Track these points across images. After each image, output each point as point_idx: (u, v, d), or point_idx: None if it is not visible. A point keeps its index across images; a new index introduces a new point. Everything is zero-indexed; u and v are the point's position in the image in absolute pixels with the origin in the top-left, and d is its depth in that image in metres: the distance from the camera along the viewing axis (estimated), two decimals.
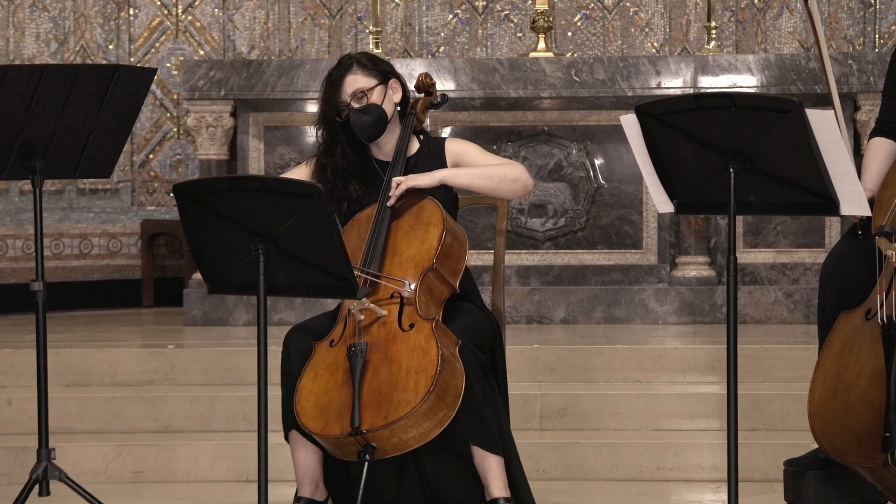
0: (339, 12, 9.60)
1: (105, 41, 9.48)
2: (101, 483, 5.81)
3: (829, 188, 4.03)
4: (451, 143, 4.94)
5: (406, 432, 4.35)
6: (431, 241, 4.64)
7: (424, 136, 4.99)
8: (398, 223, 4.72)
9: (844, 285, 4.71)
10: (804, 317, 7.65)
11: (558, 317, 7.81)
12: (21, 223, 9.08)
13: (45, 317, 4.72)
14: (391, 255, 4.67)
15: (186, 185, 4.16)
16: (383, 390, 4.38)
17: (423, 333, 4.46)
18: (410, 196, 4.74)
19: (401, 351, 4.45)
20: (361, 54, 4.91)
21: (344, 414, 4.38)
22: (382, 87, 4.83)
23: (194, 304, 7.86)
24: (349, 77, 4.82)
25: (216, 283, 4.24)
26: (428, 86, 4.98)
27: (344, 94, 4.80)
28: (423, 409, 4.33)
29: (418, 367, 4.38)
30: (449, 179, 4.77)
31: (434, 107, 4.99)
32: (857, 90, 7.60)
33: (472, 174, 4.78)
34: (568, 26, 9.54)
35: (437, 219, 4.68)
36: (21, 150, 4.64)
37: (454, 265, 4.70)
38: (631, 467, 5.85)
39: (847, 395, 4.45)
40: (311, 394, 4.48)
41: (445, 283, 4.67)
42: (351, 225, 4.79)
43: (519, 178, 4.79)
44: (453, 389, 4.41)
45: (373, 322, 4.52)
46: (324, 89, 4.86)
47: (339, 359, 4.50)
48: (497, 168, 4.81)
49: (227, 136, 7.92)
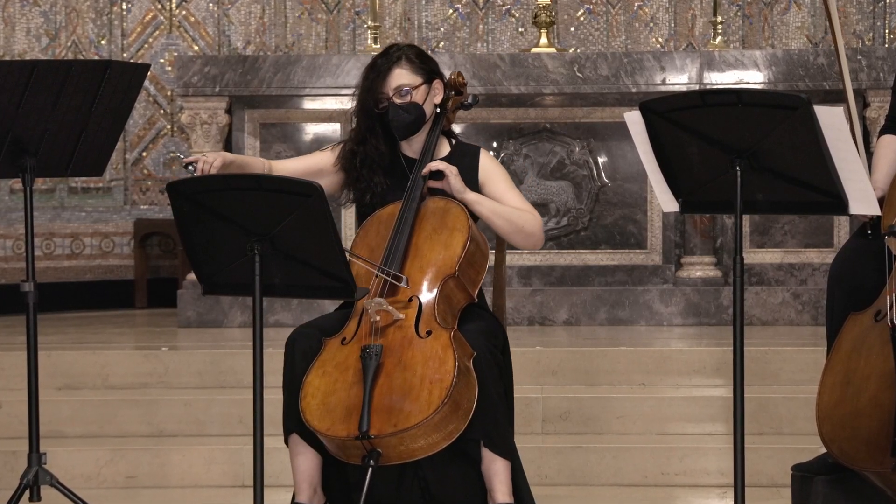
0: (337, 7, 9.63)
1: (97, 36, 9.49)
2: (94, 488, 5.79)
3: (838, 186, 4.01)
4: (485, 159, 4.90)
5: (414, 442, 4.31)
6: (455, 248, 4.61)
7: (455, 139, 4.96)
8: (422, 224, 4.68)
9: (853, 286, 4.71)
10: (812, 318, 7.65)
11: (561, 318, 7.80)
12: (11, 222, 9.10)
13: (36, 318, 4.70)
14: (412, 256, 4.63)
15: (180, 183, 4.12)
16: (395, 396, 4.35)
17: (441, 342, 4.42)
18: (437, 197, 4.71)
19: (416, 358, 4.41)
20: (410, 48, 4.87)
21: (352, 416, 4.34)
22: (426, 87, 4.80)
23: (188, 305, 7.86)
24: (396, 70, 4.77)
25: (211, 283, 4.20)
26: (460, 85, 4.94)
27: (387, 86, 4.76)
28: (435, 421, 4.29)
29: (433, 377, 4.34)
30: (473, 205, 4.73)
31: (465, 107, 4.95)
32: (866, 86, 7.60)
33: (493, 210, 4.76)
34: (571, 21, 9.57)
35: (462, 225, 4.65)
36: (11, 148, 4.61)
37: (475, 275, 4.68)
38: (635, 472, 5.83)
39: (856, 399, 4.43)
40: (319, 391, 4.43)
41: (464, 292, 4.64)
42: (371, 221, 4.75)
43: (534, 233, 4.79)
44: (466, 403, 4.37)
45: (389, 325, 4.48)
46: (366, 77, 4.82)
47: (350, 358, 4.46)
48: (518, 214, 4.78)
49: (222, 134, 7.95)
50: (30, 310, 4.67)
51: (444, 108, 4.87)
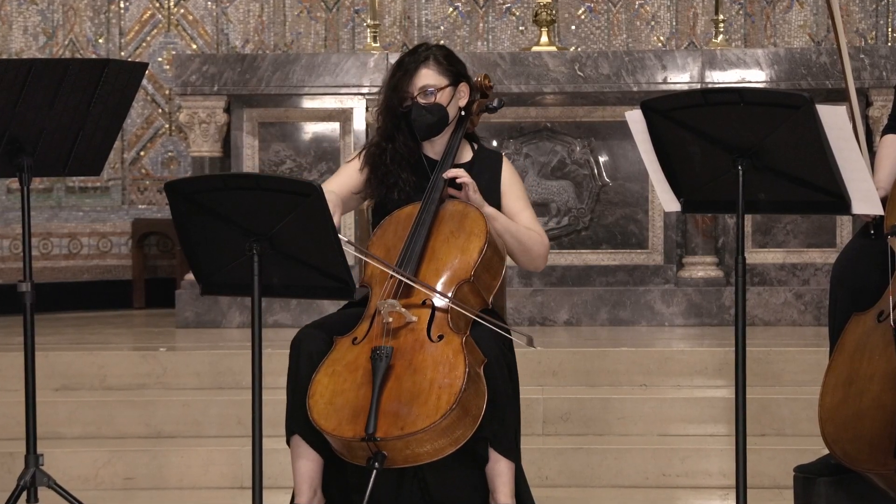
0: (336, 5, 9.63)
1: (95, 35, 9.50)
2: (91, 490, 5.77)
3: (841, 186, 4.01)
4: (507, 168, 4.90)
5: (420, 446, 4.30)
6: (472, 253, 4.59)
7: (478, 143, 4.96)
8: (439, 227, 4.66)
9: (856, 286, 4.71)
10: (815, 319, 7.65)
11: (562, 319, 7.80)
12: (8, 222, 9.12)
13: (33, 318, 4.70)
14: (428, 259, 4.61)
15: (179, 183, 4.12)
16: (403, 399, 4.33)
17: (453, 347, 4.40)
18: (455, 201, 4.70)
19: (427, 361, 4.39)
20: (439, 48, 4.87)
21: (359, 417, 4.32)
22: (452, 90, 4.79)
23: (187, 305, 7.85)
24: (423, 70, 4.77)
25: (209, 283, 4.19)
26: (485, 88, 4.92)
27: (413, 85, 4.76)
28: (442, 426, 4.28)
29: (443, 382, 4.33)
30: (489, 221, 4.70)
31: (490, 111, 4.93)
32: (869, 85, 7.60)
33: (507, 228, 4.76)
34: (571, 19, 9.56)
35: (480, 230, 4.63)
36: (8, 148, 4.60)
37: (491, 280, 4.65)
38: (636, 474, 5.82)
39: (859, 400, 4.43)
40: (327, 390, 4.41)
41: (479, 297, 4.62)
42: (389, 221, 4.74)
43: (539, 257, 4.83)
44: (474, 409, 4.36)
45: (401, 327, 4.47)
46: (392, 75, 4.82)
47: (360, 358, 4.44)
48: (528, 235, 4.79)
49: (221, 133, 7.95)
50: (27, 310, 4.66)
51: (468, 112, 4.86)
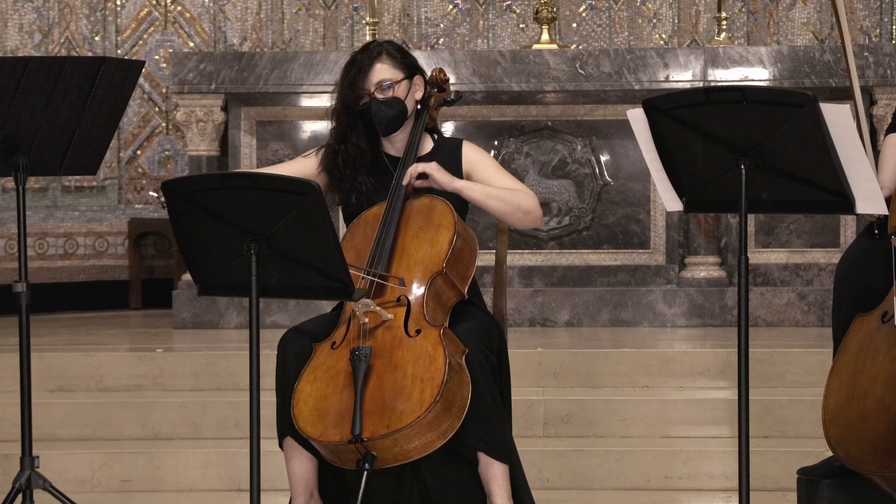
0: (335, 3, 9.68)
1: (91, 33, 9.52)
2: (87, 492, 5.79)
3: (845, 185, 4.00)
4: (469, 149, 4.91)
5: (408, 442, 4.29)
6: (441, 245, 4.60)
7: (438, 135, 4.98)
8: (407, 224, 4.68)
9: (860, 286, 4.71)
10: (818, 319, 7.67)
11: (562, 319, 7.80)
12: (3, 222, 9.14)
13: (29, 319, 4.69)
14: (399, 256, 4.62)
15: (176, 182, 4.11)
16: (387, 397, 4.33)
17: (431, 340, 4.40)
18: (421, 195, 4.71)
19: (406, 357, 4.39)
20: (389, 43, 4.89)
21: (344, 420, 4.32)
22: (408, 83, 4.81)
23: (184, 306, 7.85)
24: (378, 65, 4.78)
25: (206, 284, 4.19)
26: (441, 82, 4.96)
27: (369, 81, 4.77)
28: (428, 419, 4.27)
29: (424, 376, 4.32)
30: (465, 192, 4.73)
31: (447, 104, 4.97)
32: (873, 83, 7.61)
33: (487, 193, 4.75)
34: (572, 17, 9.59)
35: (448, 221, 4.64)
36: (3, 146, 4.59)
37: (464, 270, 4.66)
38: (638, 476, 5.82)
39: (863, 401, 4.42)
40: (310, 397, 4.42)
41: (454, 289, 4.62)
42: (357, 223, 4.75)
43: (531, 210, 4.78)
44: (459, 400, 4.35)
45: (378, 326, 4.47)
46: (346, 73, 4.82)
47: (340, 362, 4.44)
48: (512, 194, 4.78)
49: (218, 132, 7.96)
50: (22, 311, 4.65)
51: (426, 105, 4.88)
